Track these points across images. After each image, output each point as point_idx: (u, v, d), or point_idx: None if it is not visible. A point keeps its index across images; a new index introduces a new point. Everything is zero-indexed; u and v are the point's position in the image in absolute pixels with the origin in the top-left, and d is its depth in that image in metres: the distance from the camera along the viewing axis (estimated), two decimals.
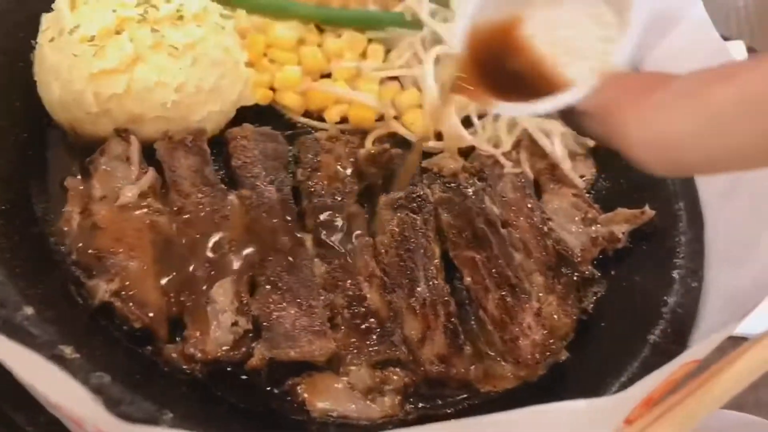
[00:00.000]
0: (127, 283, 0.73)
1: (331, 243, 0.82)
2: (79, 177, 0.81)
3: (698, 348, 0.61)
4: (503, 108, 0.72)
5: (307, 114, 0.98)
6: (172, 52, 0.81)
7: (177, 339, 0.73)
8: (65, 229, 0.77)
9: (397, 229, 0.86)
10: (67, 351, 0.63)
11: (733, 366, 0.65)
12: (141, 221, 0.78)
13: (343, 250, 0.82)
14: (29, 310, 0.67)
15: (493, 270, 0.85)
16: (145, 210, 0.79)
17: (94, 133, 0.83)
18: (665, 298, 0.86)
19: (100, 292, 0.72)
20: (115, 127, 0.83)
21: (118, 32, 0.79)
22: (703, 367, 0.68)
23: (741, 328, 0.85)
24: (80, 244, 0.76)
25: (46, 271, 0.73)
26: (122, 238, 0.76)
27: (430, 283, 0.83)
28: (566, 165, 1.02)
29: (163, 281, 0.75)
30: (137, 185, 0.80)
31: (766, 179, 0.88)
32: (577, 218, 0.97)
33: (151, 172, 0.82)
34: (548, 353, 0.81)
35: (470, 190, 0.92)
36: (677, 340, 0.81)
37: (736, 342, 0.70)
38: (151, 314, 0.72)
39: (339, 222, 0.84)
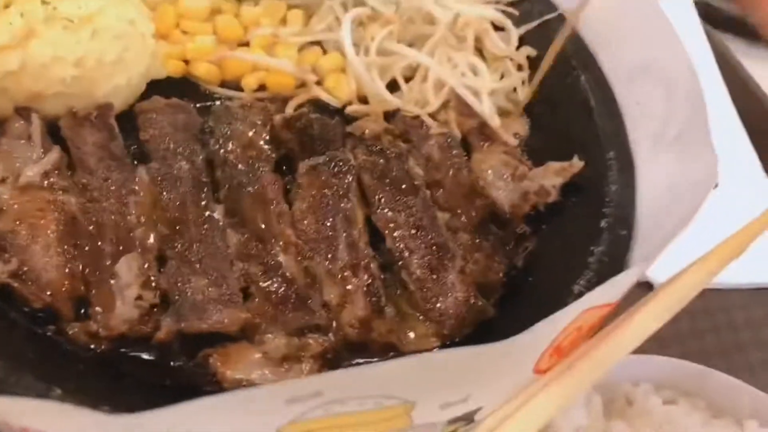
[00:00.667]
0: (27, 263, 0.71)
1: (245, 213, 0.80)
2: None
3: (601, 290, 0.59)
4: None
5: (224, 85, 0.95)
6: (68, 25, 0.79)
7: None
8: None
9: (316, 195, 0.84)
10: None
11: (638, 313, 0.64)
12: (45, 201, 0.76)
13: (258, 220, 0.80)
14: None
15: (416, 231, 0.84)
16: (49, 189, 0.77)
17: None
18: (592, 248, 0.84)
19: None
20: (14, 106, 0.80)
21: (6, 6, 0.76)
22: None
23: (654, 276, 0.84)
24: None
25: None
26: (24, 219, 0.74)
27: (351, 247, 0.81)
28: (495, 122, 1.00)
29: (68, 260, 0.73)
30: (40, 164, 0.78)
31: (694, 123, 0.86)
32: (507, 175, 0.96)
33: (55, 151, 0.79)
34: (473, 310, 0.80)
35: (394, 153, 0.90)
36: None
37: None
38: (52, 293, 0.70)
39: (252, 191, 0.82)
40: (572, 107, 1.02)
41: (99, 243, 0.75)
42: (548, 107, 1.04)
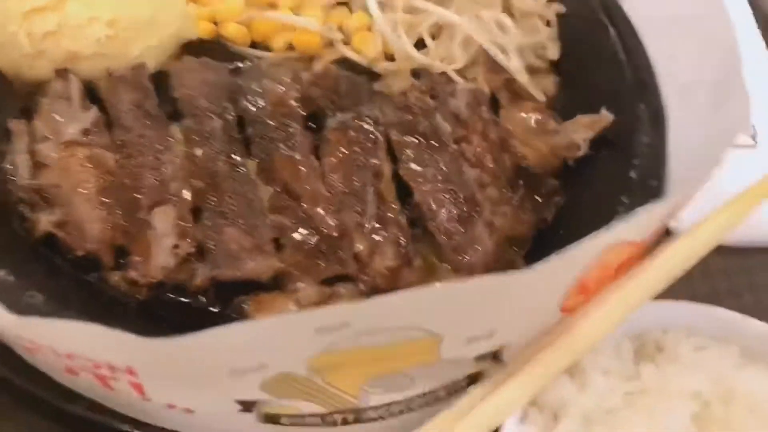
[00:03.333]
0: (70, 214, 0.74)
1: (276, 167, 0.82)
2: (22, 119, 0.82)
3: (626, 225, 0.59)
4: None
5: (253, 45, 0.97)
6: None
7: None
8: (9, 168, 0.78)
9: (345, 150, 0.85)
10: (1, 273, 0.64)
11: (659, 258, 0.64)
12: (85, 156, 0.79)
13: (287, 174, 0.82)
14: None
15: (444, 185, 0.84)
16: (89, 146, 0.80)
17: (35, 76, 0.84)
18: (622, 198, 0.84)
19: (42, 223, 0.73)
20: (54, 68, 0.83)
21: None
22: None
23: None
24: (24, 183, 0.77)
25: None
26: (66, 174, 0.77)
27: (380, 200, 0.82)
28: (523, 78, 0.99)
29: (108, 211, 0.76)
30: (80, 122, 0.80)
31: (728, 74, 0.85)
32: (536, 131, 0.95)
33: (93, 110, 0.82)
34: (502, 262, 0.81)
35: (421, 108, 0.90)
36: None
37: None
38: (93, 242, 0.73)
39: (283, 146, 0.83)
40: (602, 62, 1.01)
41: (136, 196, 0.77)
42: (577, 63, 1.03)
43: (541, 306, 0.61)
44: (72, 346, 0.51)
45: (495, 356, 0.63)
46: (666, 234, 0.79)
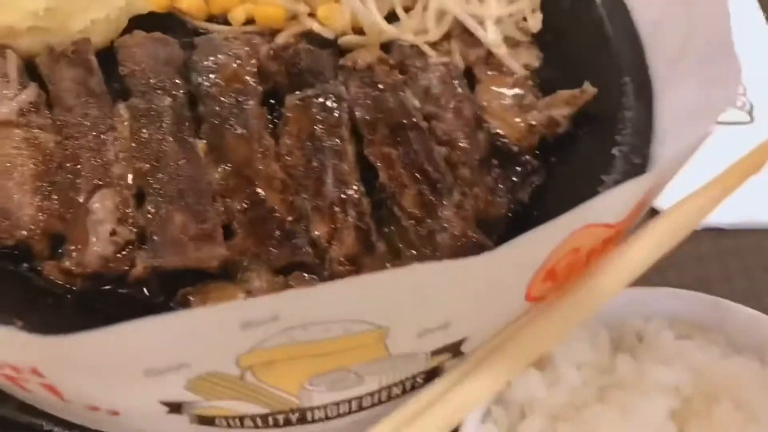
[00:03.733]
0: (1, 199, 0.69)
1: (228, 148, 0.76)
2: None
3: (599, 204, 0.53)
4: None
5: (211, 19, 0.91)
6: None
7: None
8: None
9: (305, 129, 0.79)
10: None
11: (640, 238, 0.58)
12: (20, 138, 0.73)
13: (241, 155, 0.76)
14: None
15: (411, 165, 0.78)
16: (26, 126, 0.74)
17: None
18: (602, 177, 0.78)
19: None
20: None
21: None
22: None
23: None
24: None
25: None
26: None
27: (341, 182, 0.76)
28: (501, 51, 0.93)
29: (43, 197, 0.70)
30: (16, 101, 0.75)
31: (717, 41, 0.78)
32: (513, 107, 0.89)
33: (32, 87, 0.77)
34: (470, 245, 0.75)
35: (388, 84, 0.84)
36: None
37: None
38: (25, 230, 0.68)
39: (236, 125, 0.78)
40: (585, 33, 0.95)
41: (75, 180, 0.72)
42: (560, 35, 0.97)
43: (503, 294, 0.55)
44: None
45: (454, 350, 0.57)
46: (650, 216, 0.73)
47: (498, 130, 0.86)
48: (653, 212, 0.77)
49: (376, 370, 0.55)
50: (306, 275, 0.72)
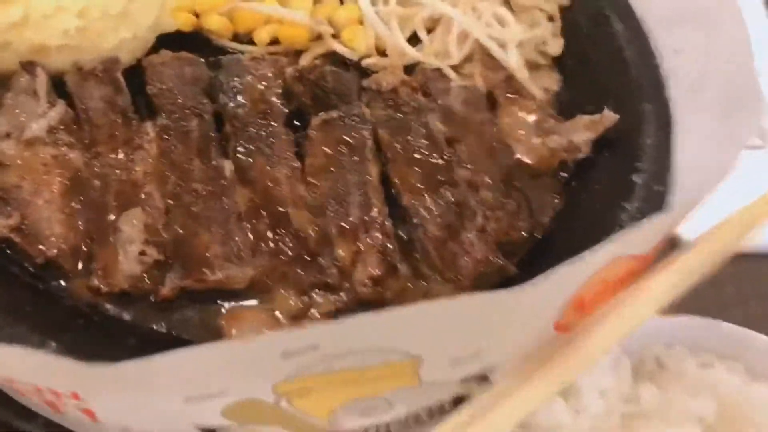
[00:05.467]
0: (30, 217, 0.69)
1: (254, 168, 0.77)
2: None
3: (629, 237, 0.54)
4: None
5: (236, 38, 0.91)
6: None
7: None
8: None
9: (329, 150, 0.80)
10: None
11: (665, 269, 0.58)
12: (49, 156, 0.74)
13: (267, 176, 0.77)
14: None
15: (434, 188, 0.79)
16: (54, 144, 0.75)
17: (1, 70, 0.79)
18: (624, 204, 0.79)
19: None
20: (19, 60, 0.78)
21: None
22: None
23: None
24: None
25: None
26: (28, 175, 0.72)
27: (365, 204, 0.77)
28: (523, 75, 0.94)
29: (71, 214, 0.71)
30: (45, 119, 0.76)
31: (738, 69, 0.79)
32: (534, 130, 0.90)
33: (60, 105, 0.77)
34: (493, 269, 0.75)
35: (412, 106, 0.85)
36: None
37: None
38: (55, 248, 0.68)
39: (263, 146, 0.78)
40: (606, 58, 0.96)
41: (103, 198, 0.72)
42: (580, 60, 0.98)
43: (533, 325, 0.55)
44: (9, 372, 0.46)
45: (482, 377, 0.58)
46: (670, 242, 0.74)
47: (519, 154, 0.87)
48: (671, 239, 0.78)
49: (406, 397, 0.56)
50: (331, 296, 0.72)
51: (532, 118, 0.91)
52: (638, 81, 0.91)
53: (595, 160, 0.87)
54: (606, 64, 0.95)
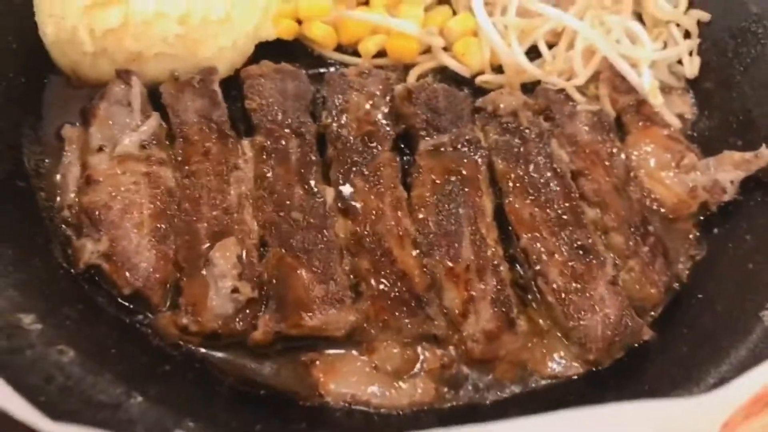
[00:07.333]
0: (119, 242, 0.64)
1: (357, 198, 0.69)
2: (77, 125, 0.73)
3: None
4: None
5: (340, 49, 0.84)
6: None
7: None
8: (59, 180, 0.69)
9: (439, 180, 0.72)
10: (26, 320, 0.54)
11: None
12: (140, 173, 0.68)
13: (372, 207, 0.69)
14: None
15: (558, 228, 0.69)
16: (146, 161, 0.69)
17: (96, 77, 0.74)
18: None
19: (86, 253, 0.63)
20: (116, 68, 0.73)
21: None
22: None
23: None
24: (72, 200, 0.67)
25: (29, 229, 0.65)
26: (118, 193, 0.67)
27: (478, 244, 0.68)
28: (657, 100, 0.83)
29: (162, 241, 0.65)
30: (138, 133, 0.70)
31: None
32: (671, 164, 0.79)
33: (154, 118, 0.72)
34: (626, 332, 0.65)
35: (533, 132, 0.76)
36: None
37: None
38: (143, 279, 0.63)
39: (368, 173, 0.71)
40: (754, 83, 0.83)
41: (195, 224, 0.66)
42: (722, 82, 0.86)
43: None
44: None
45: None
46: None
47: (652, 192, 0.77)
48: None
49: None
50: (438, 350, 0.64)
51: (667, 150, 0.80)
52: None
53: (745, 206, 0.75)
54: (754, 89, 0.83)
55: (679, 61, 0.89)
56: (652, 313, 0.70)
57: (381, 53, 0.84)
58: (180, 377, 0.58)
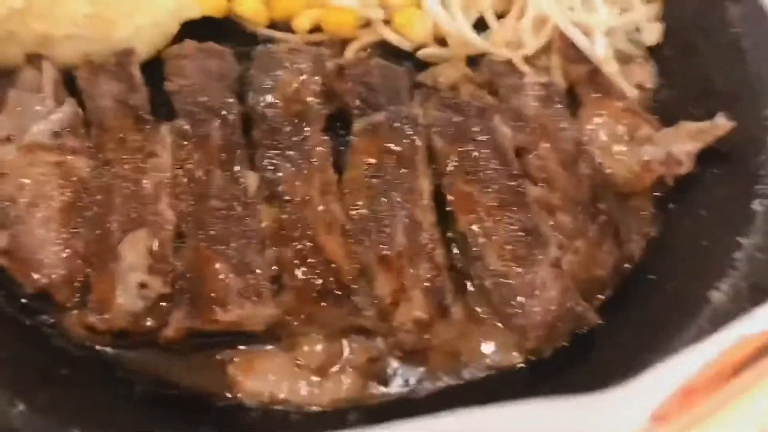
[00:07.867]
0: (22, 237, 0.60)
1: (283, 183, 0.65)
2: None
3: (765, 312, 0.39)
4: None
5: (273, 26, 0.80)
6: None
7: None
8: None
9: (373, 161, 0.67)
10: None
11: None
12: (51, 164, 0.64)
13: (299, 192, 0.65)
14: None
15: (498, 209, 0.65)
16: (58, 150, 0.65)
17: (5, 63, 0.70)
18: (739, 238, 0.63)
19: None
20: (25, 52, 0.69)
21: None
22: None
23: None
24: None
25: None
26: (25, 185, 0.63)
27: (413, 228, 0.64)
28: (611, 68, 0.78)
29: (70, 235, 0.61)
30: (49, 121, 0.66)
31: None
32: (625, 137, 0.75)
33: (68, 105, 0.68)
34: (569, 317, 0.61)
35: (474, 107, 0.71)
36: (753, 298, 0.58)
37: None
38: (49, 276, 0.59)
39: (296, 156, 0.66)
40: (717, 49, 0.79)
41: (107, 216, 0.62)
42: (684, 50, 0.81)
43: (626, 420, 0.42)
44: None
45: None
46: None
47: (605, 167, 0.72)
48: None
49: None
50: (366, 343, 0.60)
51: (621, 122, 0.75)
52: (760, 78, 0.74)
53: (702, 179, 0.71)
54: (717, 56, 0.79)
55: (638, 29, 0.84)
56: (600, 296, 0.66)
57: (317, 29, 0.79)
58: (79, 381, 0.54)
